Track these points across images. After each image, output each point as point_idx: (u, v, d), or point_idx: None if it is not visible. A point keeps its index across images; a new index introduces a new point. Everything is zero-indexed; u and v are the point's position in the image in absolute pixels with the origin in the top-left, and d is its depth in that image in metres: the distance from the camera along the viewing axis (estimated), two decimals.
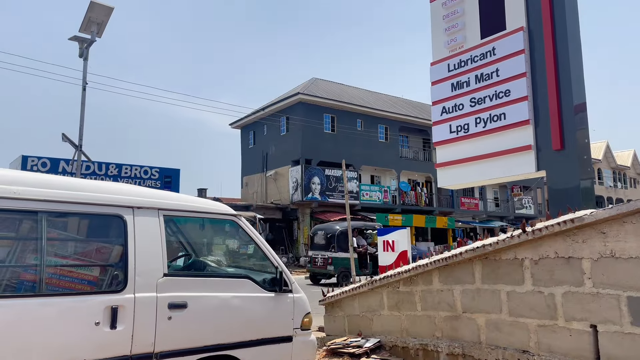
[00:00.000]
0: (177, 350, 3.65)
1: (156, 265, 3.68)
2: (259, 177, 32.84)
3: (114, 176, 21.37)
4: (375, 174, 33.44)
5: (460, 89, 7.17)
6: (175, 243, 4.36)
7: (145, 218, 3.75)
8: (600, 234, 4.00)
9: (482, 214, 38.36)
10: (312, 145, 29.25)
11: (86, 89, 12.49)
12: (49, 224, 3.34)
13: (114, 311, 3.36)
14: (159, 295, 3.61)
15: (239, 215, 4.48)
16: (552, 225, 4.27)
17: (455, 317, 5.13)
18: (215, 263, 4.68)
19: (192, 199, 4.36)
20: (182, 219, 4.24)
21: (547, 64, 6.19)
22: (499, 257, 4.75)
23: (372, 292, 6.09)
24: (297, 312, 4.50)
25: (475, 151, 6.91)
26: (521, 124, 6.42)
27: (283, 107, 30.83)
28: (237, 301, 4.07)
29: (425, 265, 5.40)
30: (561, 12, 6.18)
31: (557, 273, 4.28)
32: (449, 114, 7.28)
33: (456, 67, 7.26)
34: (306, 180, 28.32)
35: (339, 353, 5.80)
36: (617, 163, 52.54)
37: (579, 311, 4.11)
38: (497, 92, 6.66)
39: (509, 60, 6.57)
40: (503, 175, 6.76)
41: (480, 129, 6.82)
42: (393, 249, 7.72)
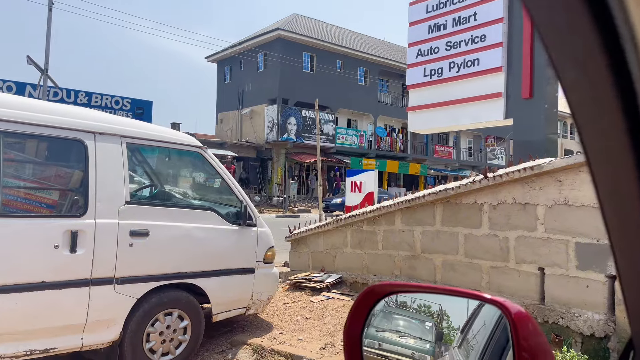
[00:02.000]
0: (138, 277, 3.71)
1: (118, 192, 3.66)
2: (235, 114, 32.34)
3: (84, 104, 20.71)
4: (353, 117, 33.30)
5: (437, 32, 7.06)
6: (140, 172, 4.33)
7: (107, 144, 3.69)
8: (556, 182, 4.13)
9: (455, 163, 38.95)
10: (290, 84, 28.75)
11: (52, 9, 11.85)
12: (5, 145, 3.25)
13: (73, 235, 3.36)
14: (121, 222, 3.62)
15: (205, 148, 4.45)
16: (512, 172, 4.39)
17: (414, 256, 5.32)
18: (181, 195, 4.69)
19: (158, 128, 4.29)
20: (148, 149, 4.19)
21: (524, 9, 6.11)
22: (459, 201, 4.89)
23: (336, 230, 6.23)
24: (261, 245, 4.59)
25: (446, 96, 6.91)
26: (494, 70, 6.42)
27: (261, 43, 29.93)
28: (200, 232, 4.12)
29: (389, 207, 5.53)
30: None
31: (513, 218, 4.44)
32: (424, 57, 7.21)
33: (435, 8, 7.11)
34: (282, 120, 28.04)
35: (301, 287, 5.99)
36: None
37: (530, 255, 4.30)
38: (473, 37, 6.59)
39: (487, 4, 6.45)
40: (472, 122, 6.82)
41: (454, 74, 6.80)
42: (360, 190, 7.82)
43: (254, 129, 30.45)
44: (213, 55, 34.07)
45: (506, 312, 0.66)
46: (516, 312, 0.64)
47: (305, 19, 33.72)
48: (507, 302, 0.67)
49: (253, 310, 4.63)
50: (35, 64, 11.90)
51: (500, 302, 0.68)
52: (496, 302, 0.68)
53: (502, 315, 0.81)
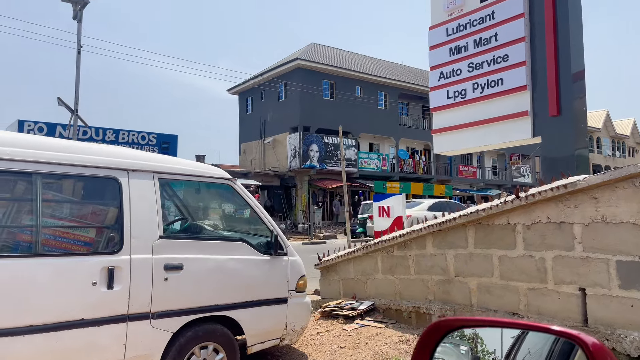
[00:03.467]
0: (174, 311, 3.72)
1: (152, 228, 3.72)
2: (257, 144, 32.73)
3: (112, 141, 21.28)
4: (374, 141, 33.34)
5: (458, 54, 7.08)
6: (171, 206, 4.40)
7: (140, 181, 3.77)
8: (592, 200, 4.04)
9: (480, 182, 38.46)
10: (310, 112, 29.05)
11: (81, 52, 12.31)
12: (44, 186, 3.35)
13: (110, 272, 3.41)
14: (155, 257, 3.66)
15: (234, 179, 4.50)
16: (545, 190, 4.31)
17: (448, 280, 5.22)
18: (211, 226, 4.73)
19: (188, 162, 4.37)
20: (178, 183, 4.26)
21: (546, 29, 6.10)
22: (492, 222, 4.80)
23: (366, 256, 6.17)
24: (292, 274, 4.58)
25: (472, 117, 6.88)
26: (518, 89, 6.38)
27: (281, 73, 30.45)
28: (232, 263, 4.13)
29: (420, 230, 5.46)
30: None
31: (548, 237, 4.34)
32: (447, 79, 7.21)
33: (455, 31, 7.15)
34: (304, 147, 28.24)
35: (333, 315, 5.92)
36: (616, 132, 52.35)
37: (569, 275, 4.18)
38: (495, 57, 6.58)
39: (508, 24, 6.47)
40: (499, 142, 6.75)
41: (478, 95, 6.77)
42: (388, 214, 7.78)
43: (276, 158, 30.72)
44: (234, 88, 34.76)
45: (581, 344, 0.63)
46: (593, 344, 0.62)
47: (323, 47, 34.25)
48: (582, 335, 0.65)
49: (287, 341, 4.59)
50: (65, 105, 12.31)
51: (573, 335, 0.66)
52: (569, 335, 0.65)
53: (555, 344, 0.79)
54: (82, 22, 12.65)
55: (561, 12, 6.06)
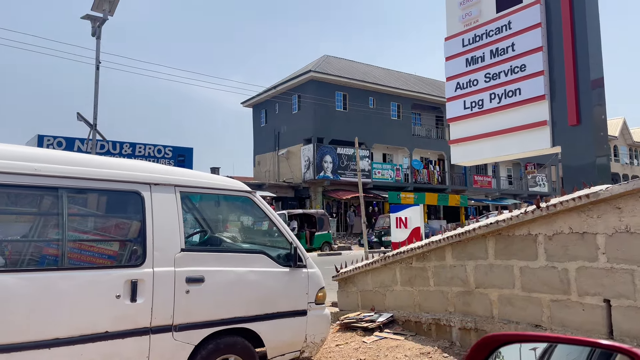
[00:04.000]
0: (195, 323, 3.74)
1: (174, 241, 3.75)
2: (271, 155, 32.89)
3: (128, 155, 21.56)
4: (388, 152, 33.30)
5: (474, 64, 7.08)
6: (192, 219, 4.43)
7: (162, 194, 3.81)
8: (615, 209, 3.99)
9: (495, 192, 38.11)
10: (324, 123, 29.15)
11: (99, 67, 12.54)
12: (69, 200, 3.41)
13: (133, 285, 3.45)
14: (177, 270, 3.69)
15: (253, 192, 4.53)
16: (566, 200, 4.26)
17: (468, 292, 5.18)
18: (231, 239, 4.76)
19: (208, 175, 4.41)
20: (198, 196, 4.30)
21: (564, 38, 6.08)
22: (512, 233, 4.76)
23: (385, 267, 6.14)
24: (312, 286, 4.57)
25: (489, 127, 6.85)
26: (537, 99, 6.34)
27: (294, 85, 30.66)
28: (252, 276, 4.15)
29: (438, 242, 5.43)
30: None
31: (571, 248, 4.28)
32: (463, 90, 7.21)
33: (471, 42, 7.15)
34: (318, 158, 28.31)
35: (352, 327, 5.89)
36: (633, 140, 51.61)
37: (593, 286, 4.12)
38: (512, 67, 6.56)
39: (525, 34, 6.46)
40: (518, 151, 6.71)
41: (495, 105, 6.75)
42: (406, 225, 7.74)
43: (290, 169, 30.81)
44: (248, 101, 35.07)
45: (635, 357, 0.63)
46: None
47: (335, 59, 34.44)
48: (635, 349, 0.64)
49: (307, 353, 4.57)
50: (85, 120, 12.52)
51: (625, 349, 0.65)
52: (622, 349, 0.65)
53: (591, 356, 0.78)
54: (101, 39, 12.89)
55: (579, 21, 6.04)
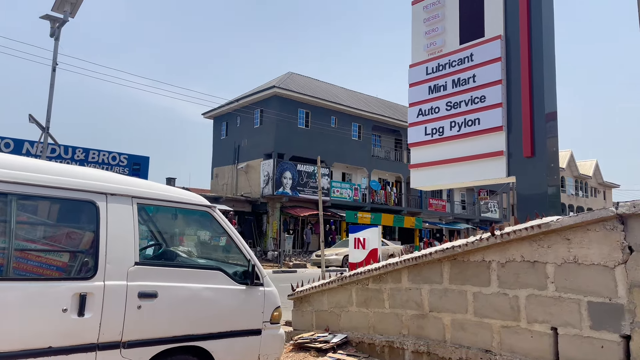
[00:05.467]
0: (145, 340, 3.62)
1: (128, 254, 3.64)
2: (230, 169, 32.56)
3: (81, 161, 20.82)
4: (347, 171, 33.62)
5: (437, 92, 7.29)
6: (148, 232, 4.31)
7: (119, 205, 3.70)
8: (565, 240, 4.15)
9: (449, 216, 39.05)
10: (285, 139, 29.18)
11: (56, 69, 12.13)
12: (18, 207, 3.25)
13: (82, 298, 3.31)
14: (130, 284, 3.57)
15: (213, 207, 4.46)
16: (520, 230, 4.40)
17: (422, 315, 5.24)
18: (187, 254, 4.65)
19: (167, 187, 4.31)
20: (157, 209, 4.20)
21: (522, 72, 6.36)
22: (467, 259, 4.87)
23: (341, 288, 6.14)
24: (268, 305, 4.52)
25: (449, 154, 7.04)
26: (495, 129, 6.58)
27: (258, 100, 30.62)
28: (208, 293, 4.06)
29: (395, 264, 5.49)
30: (538, 24, 6.36)
31: (522, 276, 4.41)
32: (425, 116, 7.40)
33: (434, 70, 7.37)
34: (278, 174, 28.25)
35: (305, 347, 5.84)
36: (579, 172, 54.23)
37: (541, 314, 4.25)
38: (472, 98, 6.80)
39: (485, 67, 6.72)
40: (475, 179, 6.91)
41: (455, 133, 6.96)
42: (364, 246, 7.81)
43: (249, 184, 30.57)
44: (210, 112, 34.71)
45: None
46: None
47: (300, 77, 34.70)
48: None
49: None
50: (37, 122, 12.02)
51: None
52: None
53: None
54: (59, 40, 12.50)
55: (536, 57, 6.34)
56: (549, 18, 6.50)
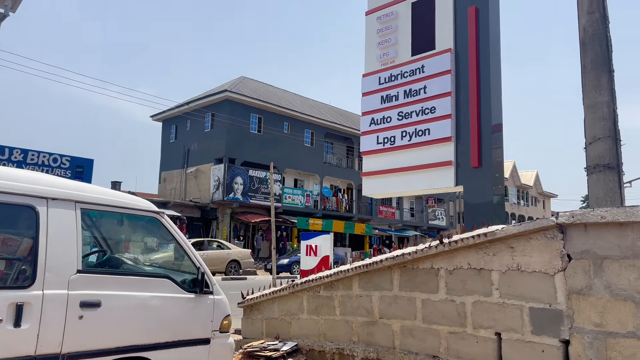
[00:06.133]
0: (87, 352, 3.46)
1: (69, 261, 3.47)
2: (179, 173, 31.85)
3: (19, 162, 19.75)
4: (299, 177, 33.65)
5: (389, 102, 7.43)
6: (92, 238, 4.14)
7: (61, 210, 3.53)
8: (509, 248, 4.30)
9: (398, 223, 39.79)
10: (237, 144, 28.87)
11: None
12: None
13: (19, 308, 3.13)
14: (71, 293, 3.41)
15: (162, 213, 4.33)
16: (467, 238, 4.53)
17: (372, 322, 5.28)
18: (133, 261, 4.49)
19: (113, 192, 4.15)
20: (102, 214, 4.03)
21: (470, 85, 6.59)
22: (416, 266, 4.96)
23: (292, 295, 6.11)
24: (217, 314, 4.43)
25: (400, 163, 7.18)
26: (444, 140, 6.77)
27: (209, 103, 30.17)
28: (154, 301, 3.93)
29: (347, 271, 5.52)
30: (485, 39, 6.61)
31: (468, 283, 4.54)
32: (377, 126, 7.51)
33: (387, 80, 7.51)
34: (229, 179, 27.88)
35: (255, 356, 5.76)
36: (521, 182, 56.65)
37: (486, 320, 4.38)
38: (423, 108, 6.97)
39: (436, 78, 6.91)
40: (424, 188, 7.08)
41: (406, 142, 7.10)
42: (316, 253, 7.81)
43: (198, 189, 30.00)
44: (159, 115, 33.86)
45: None
46: None
47: (253, 82, 34.49)
48: None
49: None
50: None
51: None
52: None
53: None
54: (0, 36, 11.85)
55: (484, 71, 6.58)
56: (496, 34, 6.78)
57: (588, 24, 5.47)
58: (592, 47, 5.44)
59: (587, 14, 5.46)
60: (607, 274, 3.72)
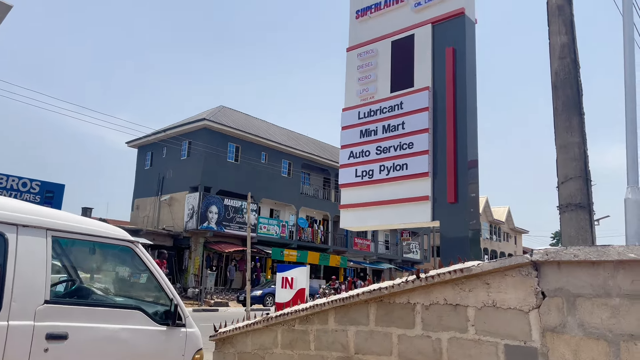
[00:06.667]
0: None
1: (37, 291, 3.35)
2: (153, 200, 31.35)
3: None
4: (275, 207, 33.46)
5: (368, 137, 7.54)
6: (63, 267, 4.01)
7: (31, 238, 3.42)
8: (485, 285, 4.33)
9: (373, 255, 39.71)
10: (213, 173, 28.68)
11: None
12: None
13: None
14: (37, 324, 3.28)
15: (136, 242, 4.24)
16: (443, 273, 4.54)
17: (348, 357, 5.20)
18: (104, 291, 4.37)
19: (85, 220, 4.06)
20: (74, 243, 3.92)
21: (447, 122, 6.76)
22: (393, 301, 4.93)
23: (266, 329, 5.98)
24: (189, 348, 4.32)
25: (377, 196, 7.25)
26: (421, 175, 6.88)
27: (186, 131, 30.03)
28: (124, 334, 3.81)
29: (323, 305, 5.45)
30: (462, 78, 6.83)
31: (445, 319, 4.53)
32: (356, 159, 7.60)
33: (366, 115, 7.65)
34: (203, 208, 27.55)
35: None
36: (494, 217, 57.50)
37: (462, 356, 4.36)
38: (401, 144, 7.10)
39: (414, 115, 7.08)
40: (402, 222, 7.14)
41: (384, 176, 7.19)
42: (291, 286, 7.71)
43: (172, 217, 29.53)
44: (134, 141, 33.51)
45: None
46: None
47: (231, 111, 34.57)
48: None
49: None
50: None
51: None
52: None
53: None
54: None
55: (460, 109, 6.77)
56: (472, 74, 7.01)
57: (560, 68, 5.70)
58: (563, 91, 5.65)
59: (559, 59, 5.69)
60: (580, 312, 3.76)
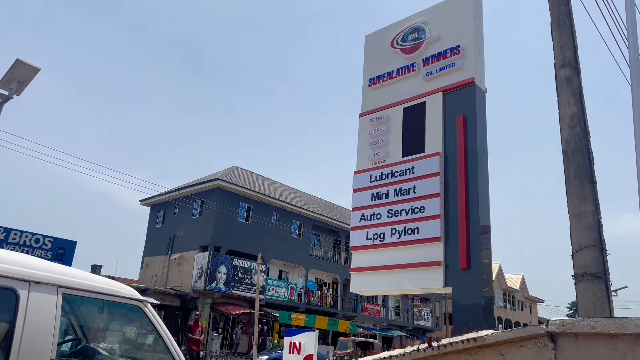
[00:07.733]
0: None
1: (44, 350, 3.30)
2: (162, 259, 31.22)
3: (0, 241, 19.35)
4: (284, 269, 33.07)
5: (379, 200, 7.58)
6: (68, 324, 3.98)
7: (42, 295, 3.42)
8: (499, 355, 4.18)
9: (383, 322, 38.58)
10: (224, 232, 28.67)
11: None
12: None
13: None
14: None
15: (145, 302, 4.21)
16: (456, 342, 4.41)
17: None
18: (108, 351, 4.29)
19: (96, 277, 4.06)
20: (84, 301, 3.91)
21: (458, 187, 6.79)
22: None
23: None
24: None
25: (388, 260, 7.17)
26: (433, 239, 6.83)
27: (199, 191, 30.36)
28: None
29: None
30: (473, 145, 6.93)
31: None
32: (367, 222, 7.60)
33: (377, 179, 7.73)
34: (212, 268, 27.31)
35: None
36: (507, 285, 56.04)
37: None
38: (412, 207, 7.11)
39: (425, 180, 7.13)
40: (413, 287, 7.02)
41: (395, 240, 7.15)
42: (299, 351, 7.46)
43: (181, 276, 29.28)
44: (148, 199, 33.88)
45: None
46: None
47: (244, 171, 35.06)
48: None
49: None
50: None
51: None
52: None
53: None
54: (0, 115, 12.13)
55: (471, 174, 6.82)
56: (483, 140, 7.12)
57: (570, 137, 5.77)
58: (574, 159, 5.70)
59: (569, 128, 5.78)
60: None
